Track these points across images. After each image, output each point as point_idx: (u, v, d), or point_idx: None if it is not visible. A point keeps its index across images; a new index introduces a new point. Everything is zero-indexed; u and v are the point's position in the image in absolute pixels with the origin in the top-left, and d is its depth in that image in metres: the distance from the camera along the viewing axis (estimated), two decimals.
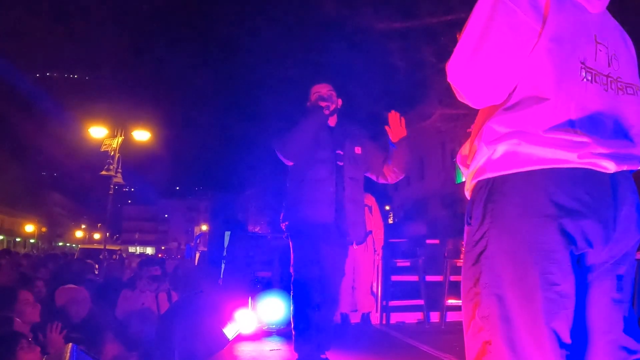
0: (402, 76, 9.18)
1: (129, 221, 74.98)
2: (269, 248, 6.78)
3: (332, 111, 3.28)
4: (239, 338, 4.29)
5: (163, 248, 62.57)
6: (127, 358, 3.40)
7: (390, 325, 5.53)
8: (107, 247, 14.62)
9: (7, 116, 40.98)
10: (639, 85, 1.38)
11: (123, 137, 11.70)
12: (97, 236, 56.74)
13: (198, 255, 12.65)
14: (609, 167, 1.25)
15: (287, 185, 3.32)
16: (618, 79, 1.34)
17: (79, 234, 63.22)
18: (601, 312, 1.29)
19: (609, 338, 1.28)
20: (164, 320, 3.61)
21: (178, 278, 7.17)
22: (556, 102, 1.24)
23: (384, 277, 5.72)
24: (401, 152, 3.24)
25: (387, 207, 26.55)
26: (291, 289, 3.20)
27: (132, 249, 62.78)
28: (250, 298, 4.92)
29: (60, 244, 57.21)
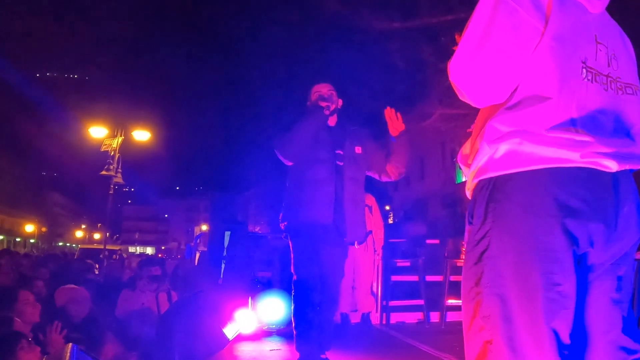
0: (402, 76, 9.17)
1: (129, 221, 74.98)
2: (269, 248, 6.78)
3: (333, 111, 3.27)
4: (239, 338, 4.29)
5: (163, 248, 62.64)
6: (127, 358, 3.39)
7: (390, 325, 5.53)
8: (107, 247, 14.64)
9: (7, 116, 41.07)
10: (638, 85, 1.39)
11: (123, 137, 11.73)
12: (97, 236, 56.78)
13: (198, 255, 12.62)
14: (611, 167, 1.24)
15: (287, 185, 3.31)
16: (617, 79, 1.34)
17: (79, 234, 63.29)
18: (600, 312, 1.29)
19: (608, 338, 1.28)
20: (164, 320, 3.60)
21: (178, 278, 7.15)
22: (558, 102, 1.24)
23: (384, 277, 5.72)
24: (402, 146, 3.26)
25: (387, 207, 26.53)
26: (292, 289, 3.20)
27: (132, 249, 62.82)
28: (250, 298, 4.91)
29: (60, 244, 57.23)
